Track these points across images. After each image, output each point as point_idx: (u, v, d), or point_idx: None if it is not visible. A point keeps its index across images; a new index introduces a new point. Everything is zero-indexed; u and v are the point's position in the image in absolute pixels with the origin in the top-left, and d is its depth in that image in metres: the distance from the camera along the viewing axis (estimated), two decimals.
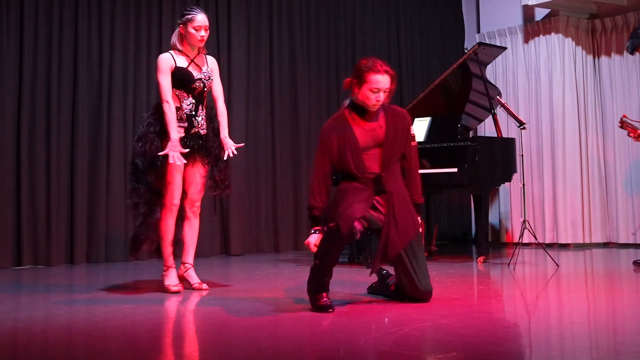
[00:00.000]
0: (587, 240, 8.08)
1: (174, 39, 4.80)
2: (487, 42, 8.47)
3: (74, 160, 6.78)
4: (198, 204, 4.84)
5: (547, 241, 8.05)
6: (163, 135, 4.62)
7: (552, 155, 8.16)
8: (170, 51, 4.76)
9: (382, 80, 3.91)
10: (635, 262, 5.81)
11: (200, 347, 3.12)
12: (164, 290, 4.67)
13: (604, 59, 8.22)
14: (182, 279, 4.81)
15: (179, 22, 4.77)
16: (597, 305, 4.16)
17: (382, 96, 3.93)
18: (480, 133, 8.38)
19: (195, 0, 7.57)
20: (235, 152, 4.80)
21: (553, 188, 8.13)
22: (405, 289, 4.01)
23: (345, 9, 8.71)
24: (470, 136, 7.15)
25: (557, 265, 5.89)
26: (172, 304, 4.25)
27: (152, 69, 7.25)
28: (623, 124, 5.89)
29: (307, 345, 3.08)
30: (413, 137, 4.13)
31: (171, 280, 4.72)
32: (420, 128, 6.79)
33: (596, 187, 8.19)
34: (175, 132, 4.57)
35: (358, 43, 8.75)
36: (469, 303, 4.14)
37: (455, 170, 6.25)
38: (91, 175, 6.87)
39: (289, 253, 7.84)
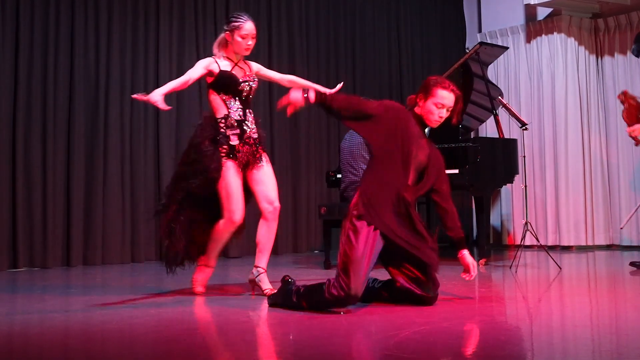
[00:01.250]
0: (590, 243, 8.04)
1: (216, 45, 4.60)
2: (489, 41, 8.44)
3: (71, 161, 6.74)
4: (277, 204, 4.53)
5: (550, 243, 8.01)
6: (217, 143, 4.43)
7: (554, 156, 8.11)
8: (213, 57, 4.60)
9: (447, 97, 3.96)
10: (632, 263, 5.80)
11: (198, 350, 3.07)
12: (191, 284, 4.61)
13: (607, 58, 8.17)
14: (253, 284, 4.60)
15: (225, 28, 4.55)
16: (600, 309, 4.13)
17: (444, 113, 3.97)
18: (482, 134, 8.35)
19: (193, 1, 7.51)
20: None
21: (555, 189, 8.09)
22: (410, 294, 3.93)
23: (345, 9, 8.66)
24: (472, 137, 7.12)
25: (560, 268, 5.85)
26: (169, 306, 4.21)
27: (149, 69, 7.22)
28: (625, 96, 5.84)
29: (307, 349, 3.05)
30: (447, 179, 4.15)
31: (200, 279, 4.63)
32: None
33: (599, 188, 8.14)
34: (164, 87, 4.42)
35: (358, 43, 8.70)
36: (470, 306, 4.11)
37: (456, 171, 6.23)
38: (88, 176, 6.82)
39: (288, 255, 7.80)
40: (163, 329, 3.53)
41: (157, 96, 4.28)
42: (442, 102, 3.94)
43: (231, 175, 4.43)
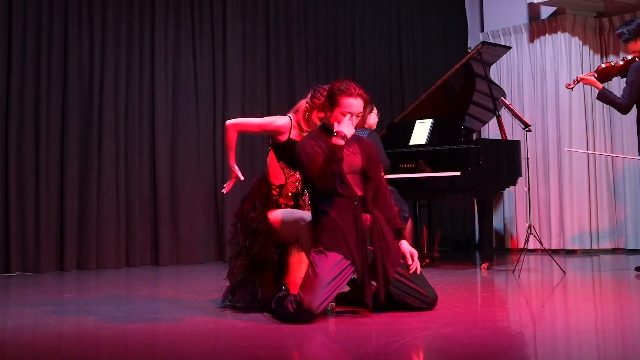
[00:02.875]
0: (594, 246, 7.97)
1: (306, 111, 4.20)
2: (491, 41, 8.38)
3: (64, 164, 6.68)
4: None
5: (554, 247, 7.94)
6: (264, 207, 4.13)
7: (558, 158, 8.03)
8: (291, 116, 4.25)
9: (355, 104, 3.84)
10: (637, 268, 5.73)
11: (195, 356, 3.03)
12: None
13: (611, 58, 8.09)
14: None
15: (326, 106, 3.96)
16: (604, 314, 4.11)
17: (354, 120, 3.86)
18: (484, 135, 8.32)
19: (189, 0, 7.44)
20: None
21: (559, 192, 8.01)
22: (411, 304, 3.89)
23: (345, 8, 8.59)
24: (474, 139, 7.07)
25: (564, 272, 5.80)
26: (165, 312, 4.17)
27: (144, 69, 7.14)
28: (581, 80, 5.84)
29: (307, 355, 3.04)
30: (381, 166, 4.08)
31: None
32: (422, 130, 6.70)
33: (604, 191, 8.06)
34: (230, 157, 4.38)
35: (358, 43, 8.64)
36: (472, 311, 4.07)
37: (458, 173, 6.19)
38: (82, 179, 6.76)
39: None
40: (159, 336, 3.50)
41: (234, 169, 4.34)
42: (349, 110, 3.81)
43: (277, 211, 4.10)
